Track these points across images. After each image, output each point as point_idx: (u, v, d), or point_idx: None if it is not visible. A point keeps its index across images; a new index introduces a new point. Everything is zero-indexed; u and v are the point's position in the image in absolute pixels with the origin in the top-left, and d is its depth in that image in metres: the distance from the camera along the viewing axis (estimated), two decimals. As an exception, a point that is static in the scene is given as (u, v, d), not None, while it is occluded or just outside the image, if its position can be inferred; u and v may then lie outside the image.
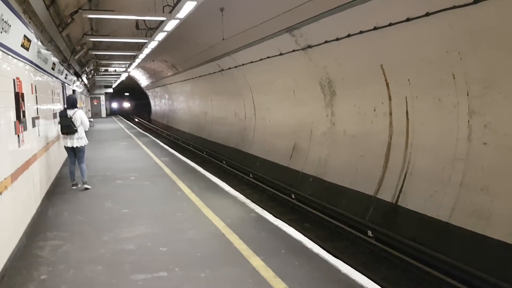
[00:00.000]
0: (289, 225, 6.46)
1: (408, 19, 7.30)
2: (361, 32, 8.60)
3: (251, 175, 14.79)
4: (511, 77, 6.09)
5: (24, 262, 4.96)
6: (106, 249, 5.35)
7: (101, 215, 6.96)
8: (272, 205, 11.25)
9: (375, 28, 8.17)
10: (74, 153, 9.01)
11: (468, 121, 6.92)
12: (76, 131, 8.77)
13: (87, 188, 8.83)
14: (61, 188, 9.11)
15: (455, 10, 6.37)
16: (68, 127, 8.72)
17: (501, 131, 6.39)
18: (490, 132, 6.56)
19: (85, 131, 9.11)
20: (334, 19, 8.96)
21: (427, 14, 6.87)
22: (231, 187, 9.22)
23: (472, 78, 6.74)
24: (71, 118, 8.74)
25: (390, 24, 7.73)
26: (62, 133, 8.94)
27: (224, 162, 18.08)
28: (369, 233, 8.25)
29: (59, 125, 8.91)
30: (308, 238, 5.89)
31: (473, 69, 6.70)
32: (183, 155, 14.89)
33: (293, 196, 11.61)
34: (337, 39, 9.46)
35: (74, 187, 8.90)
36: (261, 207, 7.58)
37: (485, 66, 6.48)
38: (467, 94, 6.87)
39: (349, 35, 9.00)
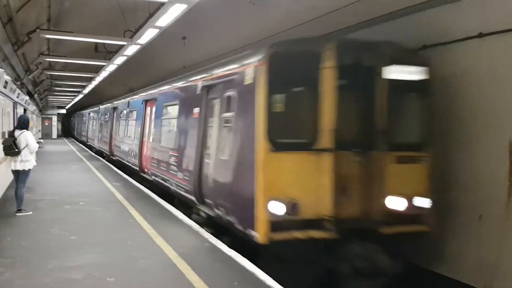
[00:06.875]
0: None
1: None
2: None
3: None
4: None
5: (-41, 291, 4.65)
6: (51, 277, 5.11)
7: (47, 242, 6.65)
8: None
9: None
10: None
11: None
12: (18, 153, 8.28)
13: (17, 215, 8.29)
14: (4, 212, 8.65)
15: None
16: (9, 148, 8.23)
17: None
18: None
19: (33, 153, 8.66)
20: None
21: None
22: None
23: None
24: (15, 139, 8.33)
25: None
26: (5, 154, 8.50)
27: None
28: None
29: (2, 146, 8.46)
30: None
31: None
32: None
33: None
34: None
35: (18, 213, 8.41)
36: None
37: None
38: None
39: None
